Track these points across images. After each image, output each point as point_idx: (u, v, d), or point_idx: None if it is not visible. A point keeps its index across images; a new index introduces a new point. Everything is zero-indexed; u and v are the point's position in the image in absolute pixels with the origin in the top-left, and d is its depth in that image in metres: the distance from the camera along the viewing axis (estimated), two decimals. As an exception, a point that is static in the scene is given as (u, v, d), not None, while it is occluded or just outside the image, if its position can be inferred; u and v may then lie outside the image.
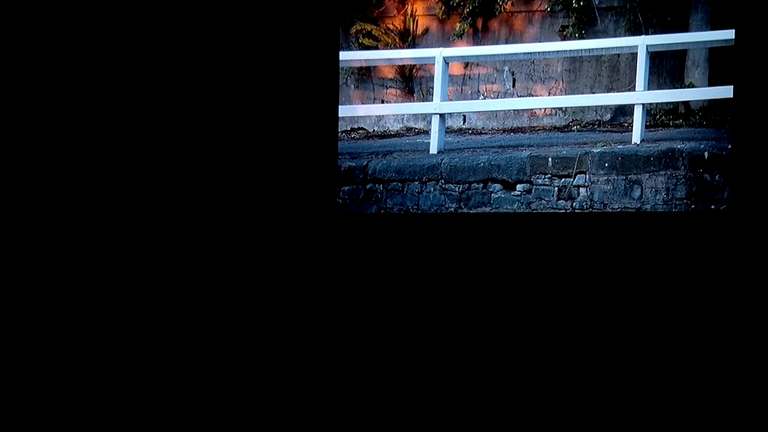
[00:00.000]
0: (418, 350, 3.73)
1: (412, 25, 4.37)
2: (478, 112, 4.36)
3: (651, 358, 3.53)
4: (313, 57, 3.89)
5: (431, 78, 4.25)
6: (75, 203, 3.89)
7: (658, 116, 4.07)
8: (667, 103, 4.06)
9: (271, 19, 3.89)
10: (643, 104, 3.99)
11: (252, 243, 3.87)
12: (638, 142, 3.94)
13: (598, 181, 3.88)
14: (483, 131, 4.33)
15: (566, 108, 4.29)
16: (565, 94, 4.28)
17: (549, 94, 4.30)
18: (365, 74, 4.47)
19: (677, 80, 4.09)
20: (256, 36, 3.89)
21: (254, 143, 3.89)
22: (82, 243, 3.88)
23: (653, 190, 3.81)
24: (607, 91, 4.22)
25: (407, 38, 4.37)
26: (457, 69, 4.41)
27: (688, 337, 3.52)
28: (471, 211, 3.99)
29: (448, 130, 4.29)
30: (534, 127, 4.26)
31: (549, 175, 3.94)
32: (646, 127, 4.00)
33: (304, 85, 3.89)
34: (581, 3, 4.20)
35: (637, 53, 3.99)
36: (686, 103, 4.06)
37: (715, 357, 3.47)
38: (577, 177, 3.91)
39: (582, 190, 3.89)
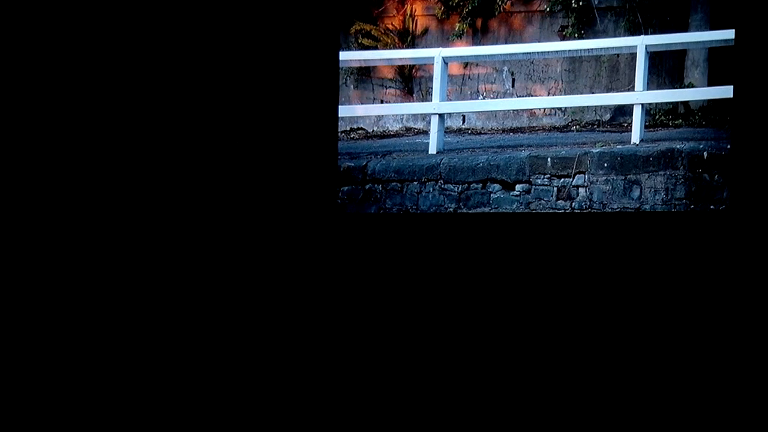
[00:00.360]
0: (417, 350, 3.72)
1: (411, 25, 4.37)
2: (478, 112, 4.36)
3: (651, 358, 3.53)
4: (313, 57, 3.89)
5: (430, 78, 4.25)
6: (75, 203, 3.89)
7: (657, 116, 4.07)
8: (666, 103, 4.06)
9: (271, 19, 3.88)
10: (642, 104, 3.99)
11: (252, 243, 3.87)
12: (637, 142, 3.94)
13: (597, 181, 3.88)
14: (482, 131, 4.33)
15: (565, 108, 4.29)
16: (565, 94, 4.28)
17: (548, 94, 4.30)
18: (365, 74, 4.47)
19: (677, 80, 4.09)
20: (256, 36, 3.89)
21: (254, 143, 3.89)
22: (81, 243, 3.88)
23: (652, 190, 3.81)
24: (607, 91, 4.22)
25: (407, 38, 4.37)
26: (456, 69, 4.41)
27: (687, 336, 3.51)
28: (470, 212, 3.99)
29: (448, 131, 4.28)
30: (533, 127, 4.26)
31: (548, 175, 3.94)
32: (646, 127, 4.00)
33: (304, 85, 3.89)
34: (580, 3, 4.20)
35: (636, 53, 3.99)
36: (686, 103, 4.06)
37: (714, 357, 3.47)
38: (576, 177, 3.91)
39: (581, 190, 3.89)
